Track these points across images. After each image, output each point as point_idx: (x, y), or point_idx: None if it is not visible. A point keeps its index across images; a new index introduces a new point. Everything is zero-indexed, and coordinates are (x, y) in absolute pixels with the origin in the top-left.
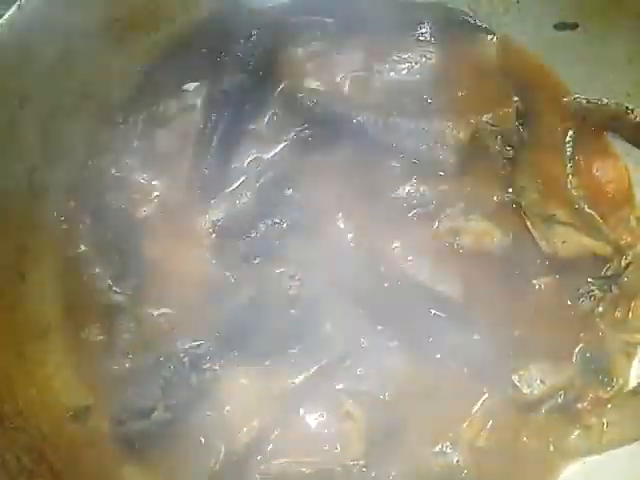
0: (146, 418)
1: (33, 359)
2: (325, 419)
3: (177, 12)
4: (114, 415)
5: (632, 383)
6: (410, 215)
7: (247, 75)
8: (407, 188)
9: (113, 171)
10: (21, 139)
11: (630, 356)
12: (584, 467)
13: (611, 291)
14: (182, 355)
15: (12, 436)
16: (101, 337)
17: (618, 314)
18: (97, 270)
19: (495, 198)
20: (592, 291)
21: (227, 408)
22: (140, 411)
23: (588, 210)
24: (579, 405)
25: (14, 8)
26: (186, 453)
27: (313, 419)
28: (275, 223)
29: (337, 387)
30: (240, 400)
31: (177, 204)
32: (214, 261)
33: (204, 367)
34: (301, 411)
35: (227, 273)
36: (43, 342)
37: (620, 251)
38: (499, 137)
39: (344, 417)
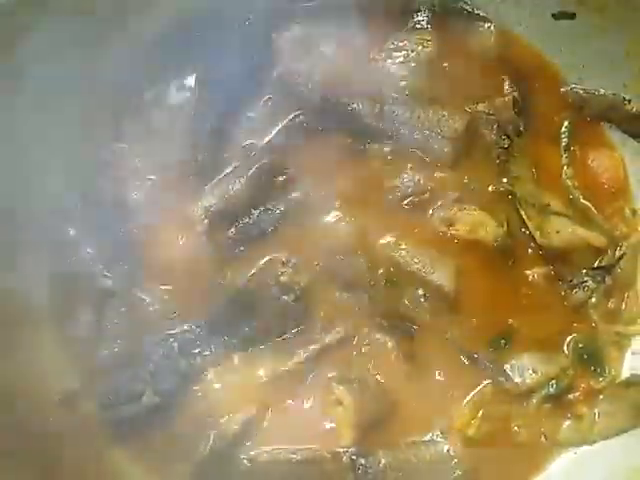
0: (135, 402)
1: (22, 343)
2: (315, 406)
3: None
4: (103, 399)
5: (624, 374)
6: (404, 204)
7: (242, 60)
8: (402, 176)
9: (105, 155)
10: (15, 122)
11: (622, 347)
12: (575, 457)
13: (605, 282)
14: (171, 340)
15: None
16: (91, 321)
17: (611, 305)
18: (87, 254)
19: (490, 188)
20: (586, 282)
21: (216, 394)
22: (129, 395)
23: (583, 201)
24: (571, 395)
25: None
26: (175, 438)
27: (303, 406)
28: (268, 209)
29: (327, 374)
30: (229, 386)
31: (170, 189)
32: (206, 247)
33: (193, 352)
34: (291, 398)
35: (219, 259)
36: (32, 326)
37: (614, 242)
38: (495, 126)
39: (334, 404)
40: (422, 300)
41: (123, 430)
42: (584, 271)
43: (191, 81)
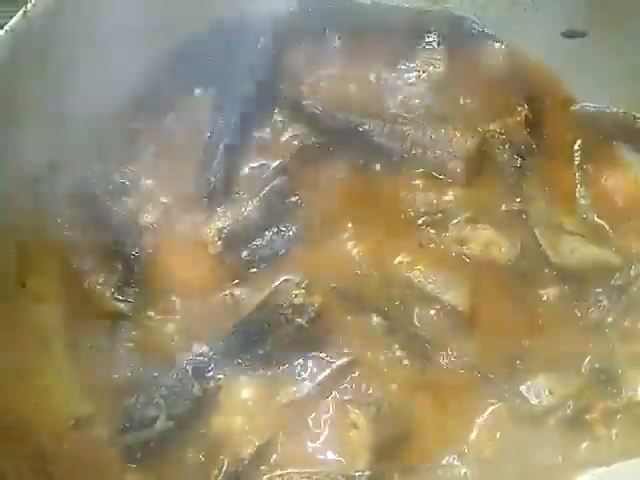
0: (148, 427)
1: (34, 367)
2: (330, 429)
3: (184, 19)
4: (116, 424)
5: None
6: (417, 223)
7: (253, 83)
8: (414, 196)
9: (118, 177)
10: (25, 145)
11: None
12: (593, 479)
13: (620, 301)
14: (185, 364)
15: (12, 446)
16: (103, 345)
17: (627, 324)
18: (100, 277)
19: (503, 207)
20: (601, 301)
21: (230, 418)
22: (142, 420)
23: (597, 219)
24: (588, 416)
25: (20, 14)
26: (188, 463)
27: (318, 429)
28: (281, 231)
29: (342, 397)
30: (244, 410)
31: (182, 211)
32: (219, 269)
33: (207, 376)
34: (306, 421)
35: (232, 281)
36: (44, 350)
37: (629, 261)
38: (507, 146)
39: (349, 427)
40: (436, 320)
41: (137, 455)
42: (599, 290)
43: (204, 103)
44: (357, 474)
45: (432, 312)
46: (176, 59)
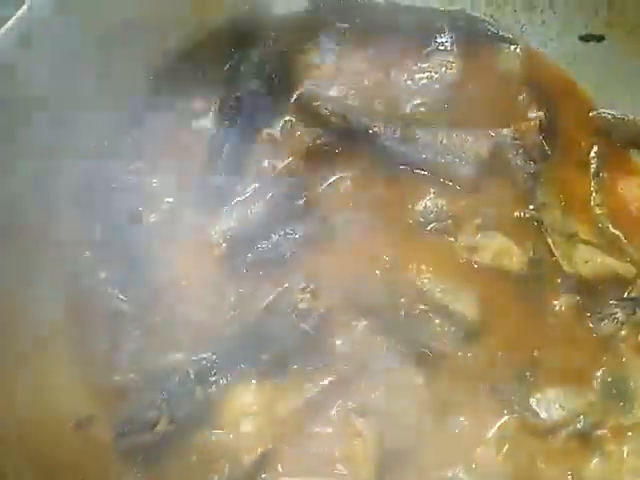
0: (149, 430)
1: (35, 367)
2: (334, 438)
3: (193, 16)
4: (117, 426)
5: None
6: (427, 230)
7: (262, 81)
8: (424, 202)
9: (123, 176)
10: (29, 142)
11: None
12: None
13: (635, 314)
14: (188, 367)
15: (12, 447)
16: (105, 346)
17: None
18: (103, 277)
19: (515, 214)
20: (615, 313)
21: (233, 423)
22: (143, 423)
23: (612, 229)
24: (599, 432)
25: (21, 11)
26: (189, 468)
27: (322, 438)
28: (287, 234)
29: (347, 405)
30: (246, 416)
31: (188, 212)
32: (224, 271)
33: (210, 380)
34: (309, 429)
35: (237, 284)
36: (45, 350)
37: None
38: (521, 151)
39: (354, 436)
40: (445, 329)
41: (137, 458)
42: (613, 302)
43: (211, 102)
44: None
45: (440, 321)
46: (186, 56)
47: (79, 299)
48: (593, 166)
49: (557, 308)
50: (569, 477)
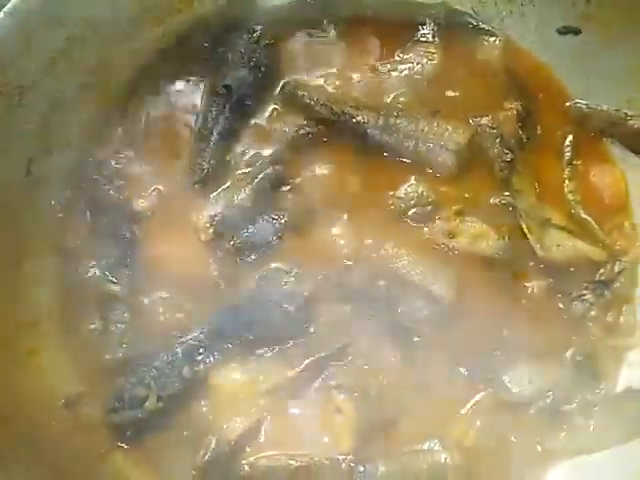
0: (138, 408)
1: (26, 347)
2: (315, 413)
3: (181, 5)
4: (106, 403)
5: (620, 387)
6: (407, 215)
7: (249, 70)
8: (405, 188)
9: (112, 162)
10: (20, 128)
11: (619, 360)
12: (572, 467)
13: (604, 296)
14: (175, 346)
15: (6, 425)
16: (95, 326)
17: (610, 319)
18: (93, 260)
19: (492, 200)
20: (585, 295)
21: (219, 400)
22: (132, 401)
23: (584, 215)
24: (567, 407)
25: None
26: (176, 443)
27: (304, 413)
28: (273, 219)
29: (328, 382)
30: (232, 393)
31: (175, 197)
32: (210, 255)
33: (197, 359)
34: (292, 405)
35: (223, 267)
36: (37, 330)
37: (614, 256)
38: (498, 140)
39: (334, 412)
40: (423, 311)
41: (126, 434)
42: (584, 285)
43: (198, 90)
44: (341, 457)
45: (418, 303)
46: (173, 44)
47: (69, 281)
48: (567, 154)
49: (530, 290)
50: (539, 449)
